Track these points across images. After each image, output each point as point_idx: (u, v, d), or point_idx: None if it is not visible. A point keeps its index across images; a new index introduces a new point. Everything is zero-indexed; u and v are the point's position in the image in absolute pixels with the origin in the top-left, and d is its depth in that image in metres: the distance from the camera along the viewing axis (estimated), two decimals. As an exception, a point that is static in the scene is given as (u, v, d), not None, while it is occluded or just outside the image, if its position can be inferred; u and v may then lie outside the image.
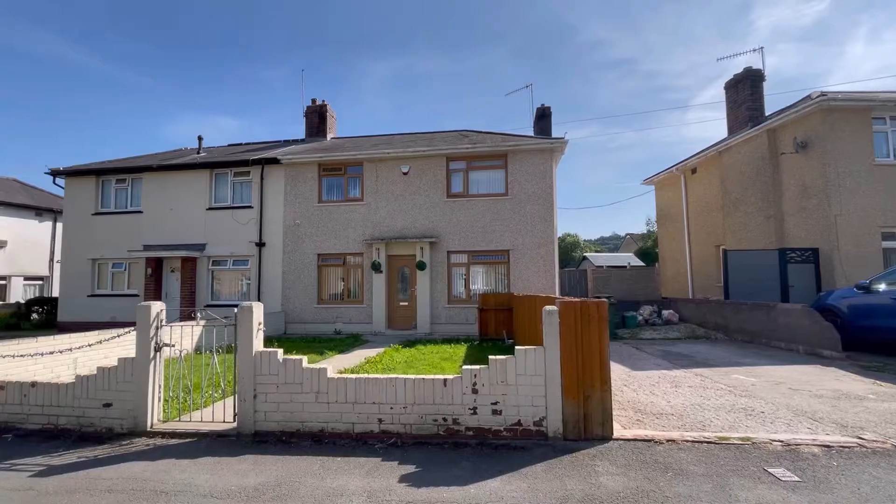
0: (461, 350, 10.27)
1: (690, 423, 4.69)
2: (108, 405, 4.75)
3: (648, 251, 38.79)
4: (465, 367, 4.46)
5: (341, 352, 10.10)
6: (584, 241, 66.87)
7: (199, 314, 5.13)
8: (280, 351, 4.62)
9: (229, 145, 18.56)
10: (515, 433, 4.29)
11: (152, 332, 4.73)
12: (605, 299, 4.53)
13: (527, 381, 4.33)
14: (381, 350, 10.33)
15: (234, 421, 4.63)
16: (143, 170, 15.46)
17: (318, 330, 13.91)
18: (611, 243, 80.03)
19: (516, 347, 4.44)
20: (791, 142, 12.05)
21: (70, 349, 6.34)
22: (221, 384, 4.82)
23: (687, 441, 4.13)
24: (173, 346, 4.80)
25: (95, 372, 4.83)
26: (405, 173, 14.06)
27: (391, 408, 4.42)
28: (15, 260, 19.48)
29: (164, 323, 4.83)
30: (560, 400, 4.26)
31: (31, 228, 20.14)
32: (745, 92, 14.31)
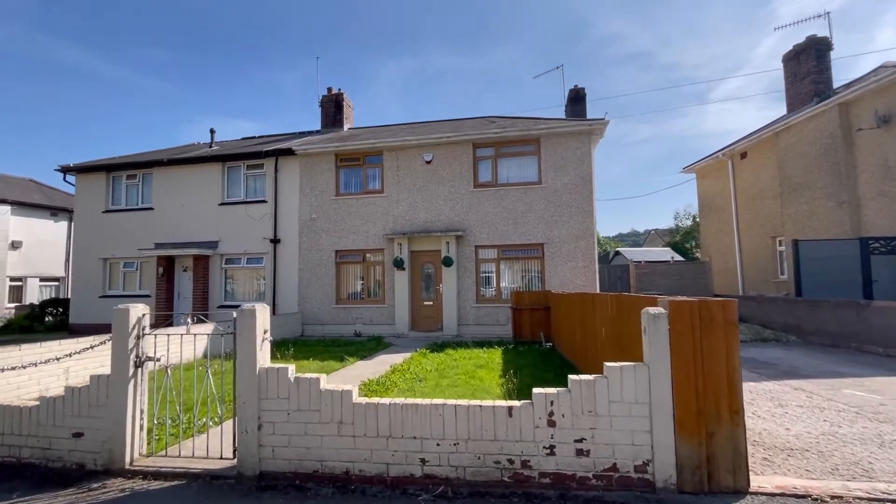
0: (496, 355, 9.13)
1: (843, 466, 3.46)
2: (78, 435, 3.77)
3: (677, 246, 36.89)
4: (536, 390, 3.32)
5: (363, 357, 9.07)
6: (604, 237, 64.81)
7: (188, 320, 4.08)
8: (291, 367, 3.56)
9: (243, 139, 17.80)
10: (609, 482, 3.13)
11: (131, 342, 3.72)
12: (733, 298, 3.32)
13: (624, 411, 3.17)
14: (406, 355, 9.27)
15: (234, 457, 3.59)
16: (153, 164, 14.74)
17: (336, 331, 12.95)
18: (629, 239, 77.51)
19: (607, 365, 3.28)
20: (870, 116, 10.52)
21: (57, 358, 5.42)
22: (219, 410, 3.81)
23: (861, 499, 2.90)
24: (158, 359, 3.80)
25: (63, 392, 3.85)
26: (428, 162, 12.97)
27: (437, 444, 3.31)
28: (30, 260, 19.11)
29: (146, 330, 3.82)
30: (672, 437, 3.09)
31: (46, 228, 19.77)
32: (808, 63, 12.74)
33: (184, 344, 7.54)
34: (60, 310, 16.68)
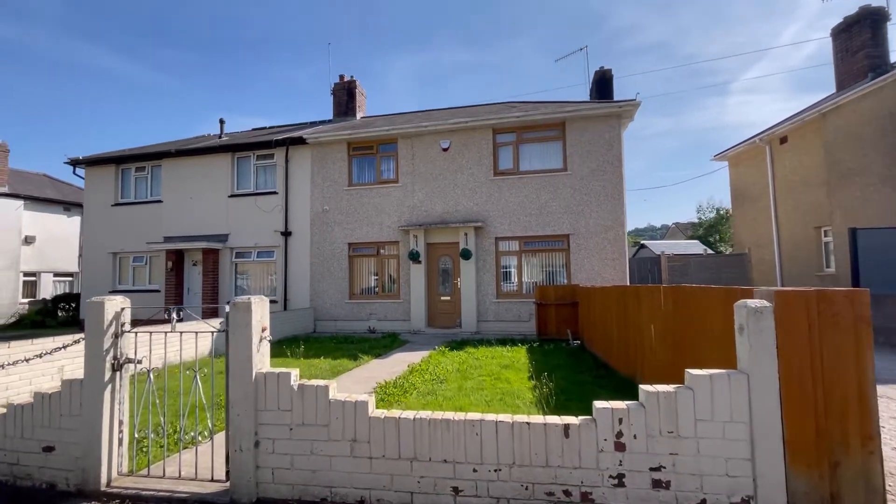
0: (521, 354, 8.45)
1: None
2: (49, 449, 3.21)
3: (701, 239, 35.56)
4: (599, 405, 2.63)
5: (378, 356, 8.47)
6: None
7: (174, 315, 3.47)
8: (294, 372, 2.94)
9: (253, 130, 17.34)
10: (697, 523, 2.43)
11: (108, 341, 3.14)
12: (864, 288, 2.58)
13: (715, 432, 2.46)
14: (424, 353, 8.65)
15: (227, 479, 2.99)
16: (161, 156, 14.36)
17: (350, 328, 12.40)
18: (646, 234, 75.70)
19: (690, 372, 2.58)
20: (937, 90, 9.46)
21: (26, 359, 4.92)
22: (209, 421, 3.19)
23: None
24: (140, 361, 3.21)
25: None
26: (445, 149, 12.28)
27: (474, 470, 2.66)
28: (44, 256, 19.04)
29: (126, 327, 3.24)
30: (782, 467, 2.38)
31: (59, 224, 19.67)
32: (862, 36, 11.65)
33: (177, 343, 7.04)
34: (73, 305, 16.52)
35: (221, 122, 15.89)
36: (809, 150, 13.02)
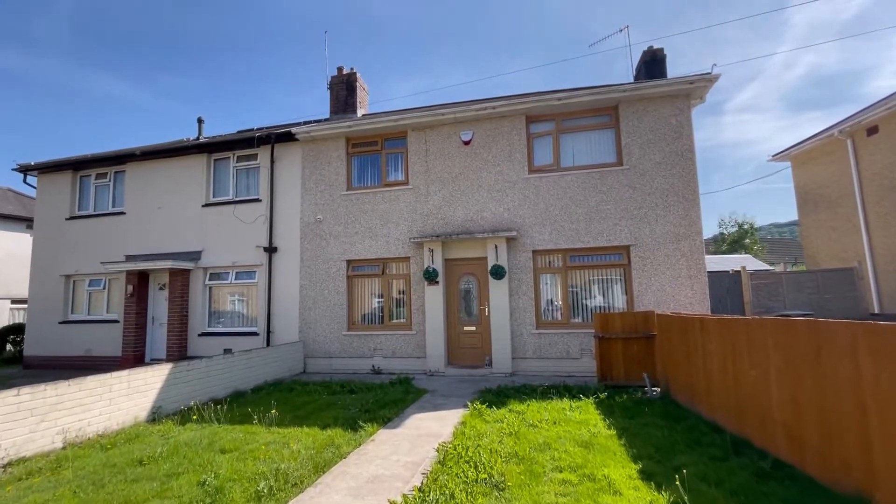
0: (592, 414, 5.85)
1: None
2: None
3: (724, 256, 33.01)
4: None
5: (387, 421, 5.84)
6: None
7: None
8: None
9: (238, 132, 15.06)
10: None
11: None
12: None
13: None
14: (453, 414, 6.04)
15: None
16: (125, 159, 12.05)
17: (348, 367, 9.80)
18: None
19: None
20: None
21: None
22: None
23: None
24: None
25: None
26: (466, 142, 9.91)
27: None
28: (0, 280, 16.57)
29: None
30: None
31: (20, 243, 17.25)
32: None
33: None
34: (24, 338, 13.95)
35: (199, 121, 13.63)
36: (914, 139, 10.58)
